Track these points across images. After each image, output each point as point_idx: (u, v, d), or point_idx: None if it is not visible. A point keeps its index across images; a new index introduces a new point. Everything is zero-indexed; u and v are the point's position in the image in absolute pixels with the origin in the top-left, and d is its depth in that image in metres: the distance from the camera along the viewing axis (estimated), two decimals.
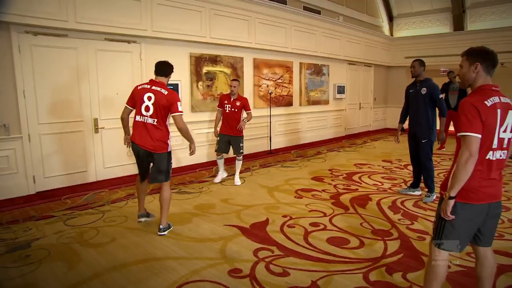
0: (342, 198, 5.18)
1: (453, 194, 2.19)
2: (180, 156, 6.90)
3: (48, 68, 5.29)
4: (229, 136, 5.86)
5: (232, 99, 5.81)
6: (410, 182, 5.62)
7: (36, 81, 5.19)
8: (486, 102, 2.16)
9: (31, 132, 5.23)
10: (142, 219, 4.20)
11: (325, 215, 4.50)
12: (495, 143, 2.19)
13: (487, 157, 2.20)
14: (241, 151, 5.92)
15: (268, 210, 4.66)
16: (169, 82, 6.47)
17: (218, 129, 6.00)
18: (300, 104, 9.78)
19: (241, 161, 6.05)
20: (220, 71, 7.58)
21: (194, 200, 5.07)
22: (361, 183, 5.97)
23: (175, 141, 6.82)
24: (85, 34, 5.60)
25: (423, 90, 5.02)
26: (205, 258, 3.35)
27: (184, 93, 6.88)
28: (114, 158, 6.07)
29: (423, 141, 5.08)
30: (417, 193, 5.35)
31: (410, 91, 5.24)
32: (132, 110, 3.96)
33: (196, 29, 6.86)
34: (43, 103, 5.29)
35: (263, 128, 8.70)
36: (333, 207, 4.80)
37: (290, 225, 4.15)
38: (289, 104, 9.43)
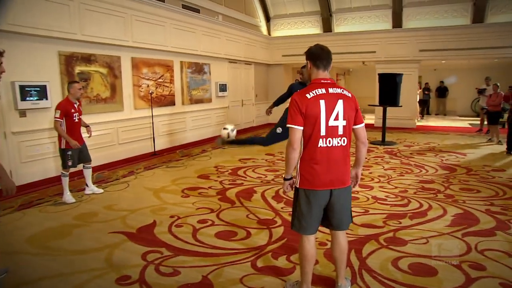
0: (228, 193, 5.32)
1: (286, 176, 2.57)
2: (49, 166, 6.28)
3: None
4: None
5: (77, 105, 5.08)
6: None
7: None
8: (307, 95, 2.41)
9: None
10: None
11: (212, 211, 4.57)
12: (323, 131, 2.40)
13: (319, 145, 2.41)
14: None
15: (155, 213, 4.55)
16: (33, 83, 5.92)
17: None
18: (183, 103, 9.71)
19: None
20: (96, 71, 7.08)
21: (74, 211, 4.68)
22: (246, 177, 6.20)
23: (37, 150, 6.16)
24: None
25: None
26: (89, 270, 3.13)
27: (54, 95, 6.22)
28: None
29: None
30: None
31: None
32: None
33: (65, 25, 6.27)
34: None
35: (145, 130, 8.41)
36: (220, 202, 4.91)
37: (178, 225, 4.12)
38: (172, 103, 9.28)
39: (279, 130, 5.49)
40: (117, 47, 7.49)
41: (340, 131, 2.43)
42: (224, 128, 5.61)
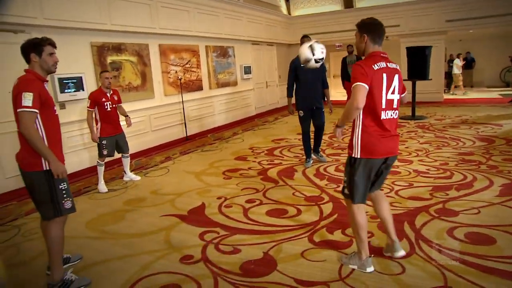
0: (269, 173, 5.37)
1: (340, 124, 2.72)
2: (88, 156, 6.44)
3: None
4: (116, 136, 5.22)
5: (110, 94, 5.13)
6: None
7: None
8: (373, 66, 2.47)
9: None
10: (49, 272, 2.87)
11: (257, 191, 4.64)
12: (383, 104, 2.51)
13: (380, 117, 2.52)
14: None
15: (201, 195, 4.64)
16: (70, 75, 6.05)
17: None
18: (210, 88, 9.75)
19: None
20: (126, 60, 7.17)
21: (122, 197, 4.82)
22: (283, 157, 6.23)
23: (76, 141, 6.32)
24: None
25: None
26: (151, 251, 3.25)
27: (90, 86, 6.35)
28: (16, 166, 5.41)
29: (322, 110, 5.53)
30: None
31: (302, 65, 4.78)
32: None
33: (96, 16, 6.34)
34: None
35: (176, 115, 8.51)
36: (263, 182, 4.96)
37: (227, 205, 4.20)
38: (199, 88, 9.34)
39: (301, 113, 5.47)
40: (145, 34, 7.54)
41: (395, 104, 2.58)
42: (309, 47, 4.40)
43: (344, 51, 10.73)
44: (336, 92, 14.73)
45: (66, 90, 5.95)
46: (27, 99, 2.49)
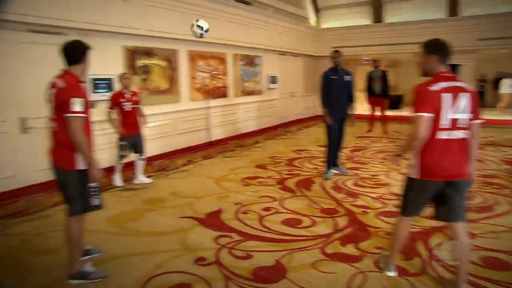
0: (287, 182, 5.43)
1: (401, 153, 2.70)
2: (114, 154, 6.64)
3: None
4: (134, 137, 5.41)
5: (129, 94, 5.32)
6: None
7: None
8: (431, 87, 2.46)
9: None
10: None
11: (274, 199, 4.70)
12: (445, 123, 2.46)
13: (441, 137, 2.47)
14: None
15: (220, 200, 4.74)
16: (102, 76, 6.32)
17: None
18: (236, 95, 9.91)
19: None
20: (156, 64, 7.41)
21: (142, 196, 4.98)
22: (302, 168, 6.28)
23: (106, 138, 6.54)
24: (5, 24, 5.12)
25: (347, 78, 5.57)
26: (167, 251, 3.36)
27: (118, 88, 6.59)
28: (46, 160, 5.67)
29: (344, 121, 5.68)
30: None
31: (332, 77, 5.54)
32: None
33: (130, 21, 6.61)
34: None
35: (200, 120, 8.69)
36: (281, 191, 5.03)
37: (244, 212, 4.28)
38: (225, 95, 9.51)
39: (330, 122, 5.57)
40: (175, 40, 7.78)
41: (461, 124, 2.49)
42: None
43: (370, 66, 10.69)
44: (360, 106, 14.63)
45: (97, 91, 6.21)
46: (77, 104, 2.64)
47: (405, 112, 15.35)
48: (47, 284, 2.89)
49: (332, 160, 5.71)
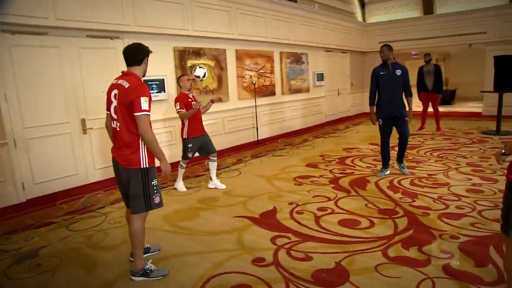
0: (340, 181, 5.29)
1: (508, 151, 2.17)
2: (170, 153, 6.80)
3: (29, 69, 5.06)
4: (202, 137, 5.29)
5: (192, 96, 5.22)
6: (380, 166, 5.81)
7: (18, 83, 4.96)
8: None
9: (17, 137, 5.01)
10: (131, 258, 3.14)
11: (329, 199, 4.58)
12: None
13: None
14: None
15: (273, 199, 4.70)
16: (154, 77, 6.48)
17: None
18: (283, 93, 9.84)
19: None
20: (205, 64, 7.49)
21: (196, 195, 5.04)
22: (355, 166, 6.10)
23: (164, 137, 6.76)
24: (66, 32, 5.38)
25: (398, 72, 5.24)
26: (224, 250, 3.36)
27: (170, 89, 6.78)
28: (104, 159, 5.91)
29: (405, 118, 5.33)
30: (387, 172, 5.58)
31: (381, 73, 5.31)
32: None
33: (179, 23, 6.75)
34: (27, 106, 5.07)
35: (248, 119, 8.71)
36: (335, 191, 4.89)
37: (299, 212, 4.20)
38: (272, 93, 9.46)
39: (380, 121, 5.34)
40: (223, 40, 7.84)
41: None
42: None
43: (421, 60, 10.18)
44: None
45: (150, 91, 6.36)
46: (145, 103, 2.72)
47: (458, 107, 14.60)
48: (111, 279, 2.97)
49: (386, 159, 5.49)
